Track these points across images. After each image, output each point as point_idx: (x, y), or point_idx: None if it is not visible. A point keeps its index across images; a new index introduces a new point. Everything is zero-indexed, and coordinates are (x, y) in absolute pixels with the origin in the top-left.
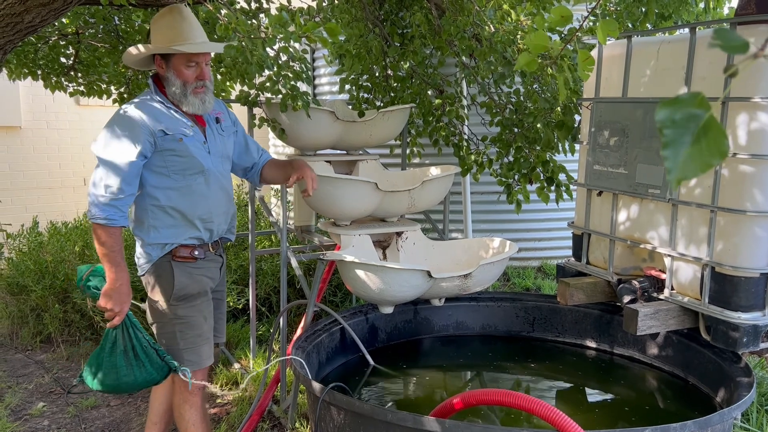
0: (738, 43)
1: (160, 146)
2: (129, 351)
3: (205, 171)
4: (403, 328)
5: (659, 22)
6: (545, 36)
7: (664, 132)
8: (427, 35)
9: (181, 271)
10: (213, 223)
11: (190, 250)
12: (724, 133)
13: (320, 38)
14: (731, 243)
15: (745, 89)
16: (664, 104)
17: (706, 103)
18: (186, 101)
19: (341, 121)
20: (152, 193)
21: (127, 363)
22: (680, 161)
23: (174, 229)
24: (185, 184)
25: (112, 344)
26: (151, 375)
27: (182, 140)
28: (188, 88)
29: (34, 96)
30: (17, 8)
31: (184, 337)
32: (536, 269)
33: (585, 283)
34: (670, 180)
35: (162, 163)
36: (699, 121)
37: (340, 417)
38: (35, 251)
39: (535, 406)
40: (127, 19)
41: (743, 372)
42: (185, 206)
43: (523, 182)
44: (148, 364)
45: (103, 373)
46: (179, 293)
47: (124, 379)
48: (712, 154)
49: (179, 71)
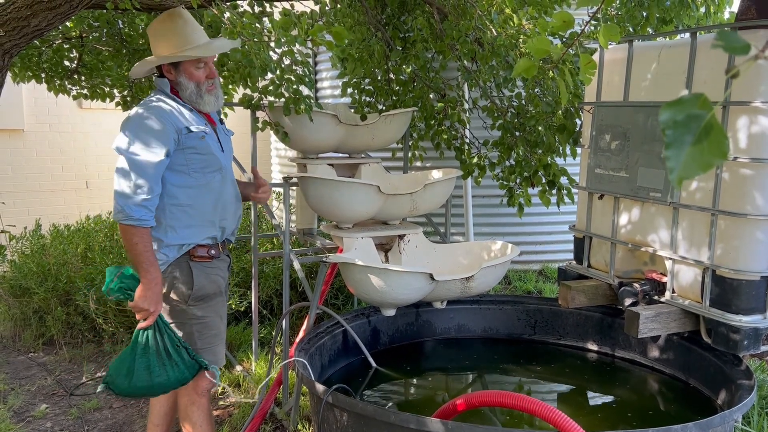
0: (740, 45)
1: (183, 144)
2: (162, 351)
3: (222, 168)
4: (404, 331)
5: (660, 26)
6: (547, 40)
7: (667, 132)
8: (429, 39)
9: (199, 272)
10: (227, 221)
11: (207, 250)
12: (724, 133)
13: (325, 42)
14: (732, 246)
15: (745, 93)
16: (668, 105)
17: (709, 104)
18: (202, 101)
19: (344, 125)
20: (172, 191)
21: (160, 363)
22: (682, 161)
23: (191, 228)
24: (204, 182)
25: (144, 345)
26: (183, 374)
27: (204, 138)
28: (202, 88)
29: (37, 99)
30: (24, 12)
31: (202, 337)
32: (537, 272)
33: (586, 286)
34: (672, 179)
35: (183, 161)
36: (701, 122)
37: (343, 419)
38: (38, 254)
39: (537, 407)
40: (131, 23)
41: (744, 374)
42: (204, 204)
43: (524, 186)
44: (180, 363)
45: (136, 376)
46: (198, 293)
47: (157, 380)
48: (713, 154)
49: (190, 74)
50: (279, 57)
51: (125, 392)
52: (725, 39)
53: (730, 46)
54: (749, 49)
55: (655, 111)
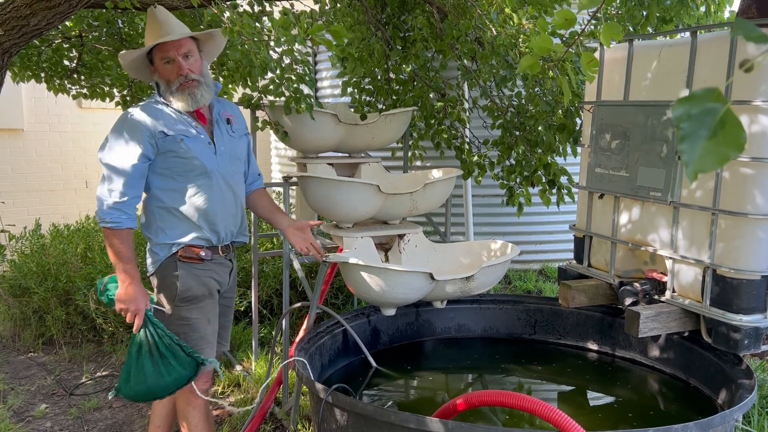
0: (758, 34)
1: (162, 148)
2: (154, 351)
3: (209, 172)
4: (405, 330)
5: (660, 25)
6: (549, 39)
7: (681, 126)
8: (429, 38)
9: (186, 272)
10: (218, 225)
11: (197, 251)
12: (741, 126)
13: (324, 41)
14: (732, 245)
15: (746, 92)
16: (681, 101)
17: (723, 98)
18: (174, 99)
19: (344, 124)
20: (157, 195)
21: (154, 364)
22: (697, 155)
23: (179, 230)
24: (188, 186)
25: (138, 349)
26: (180, 373)
27: (183, 141)
28: (172, 85)
29: (37, 99)
30: (23, 11)
31: (188, 339)
32: (537, 272)
33: (586, 286)
34: (688, 173)
35: (164, 165)
36: (716, 115)
37: (343, 418)
38: (37, 253)
39: (537, 407)
40: (131, 23)
41: (744, 374)
42: (189, 208)
43: (524, 185)
44: (174, 361)
45: (134, 380)
46: (183, 294)
47: (152, 382)
48: (730, 147)
49: (161, 70)
50: (279, 56)
51: (128, 396)
52: (744, 28)
53: (748, 35)
54: (767, 38)
55: (655, 110)
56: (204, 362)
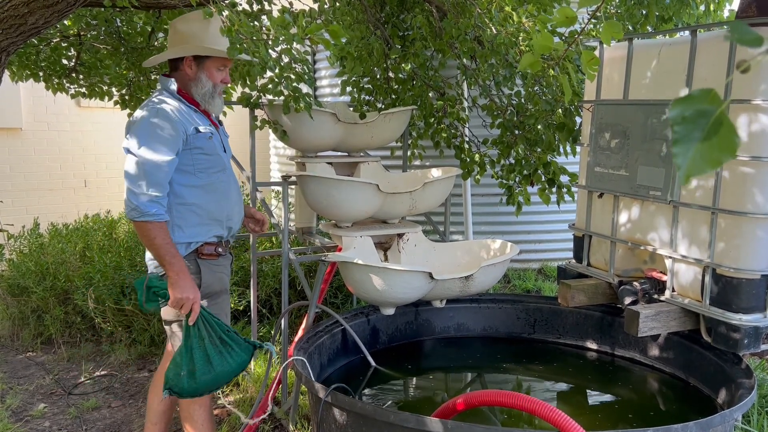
0: (752, 37)
1: (191, 144)
2: (216, 340)
3: (226, 169)
4: (404, 330)
5: (660, 24)
6: (550, 37)
7: (675, 129)
8: (428, 37)
9: (207, 269)
10: (233, 220)
11: (215, 248)
12: (735, 129)
13: (323, 40)
14: (732, 245)
15: (745, 91)
16: (677, 101)
17: (718, 100)
18: (213, 103)
19: (343, 123)
20: (178, 191)
21: (218, 352)
22: (690, 158)
23: (199, 227)
24: (209, 182)
25: (198, 339)
26: (242, 357)
27: (212, 138)
28: (217, 89)
29: (35, 98)
30: (21, 10)
31: None
32: (537, 271)
33: (586, 285)
34: (680, 177)
35: (189, 161)
36: (710, 118)
37: (343, 418)
38: (36, 253)
39: (536, 407)
40: (129, 21)
41: (744, 374)
42: (210, 204)
43: (524, 184)
44: (236, 346)
45: (200, 372)
46: (205, 291)
47: (219, 369)
48: (723, 151)
49: (211, 73)
50: (278, 55)
51: (193, 392)
52: (738, 31)
53: (742, 38)
54: (762, 41)
55: (655, 109)
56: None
